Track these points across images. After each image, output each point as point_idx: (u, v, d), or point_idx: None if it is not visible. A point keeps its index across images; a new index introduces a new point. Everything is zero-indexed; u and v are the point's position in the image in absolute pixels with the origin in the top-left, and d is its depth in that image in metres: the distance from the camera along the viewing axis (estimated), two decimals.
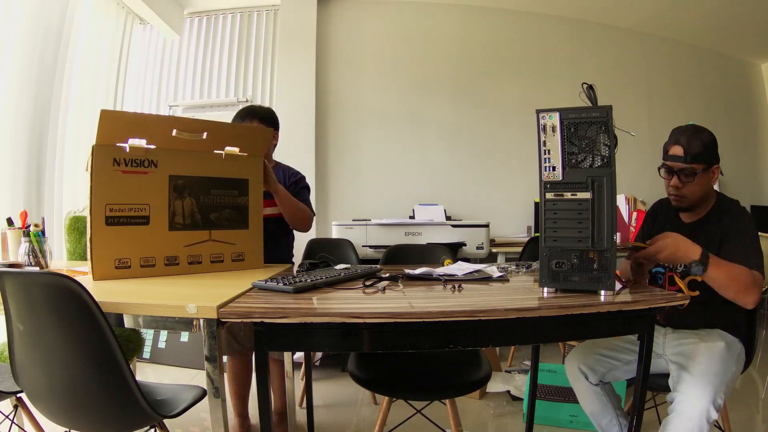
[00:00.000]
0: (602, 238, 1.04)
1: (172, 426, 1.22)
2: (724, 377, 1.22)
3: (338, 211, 3.64)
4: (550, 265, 1.07)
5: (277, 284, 1.10)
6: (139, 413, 1.01)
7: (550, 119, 1.06)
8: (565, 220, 1.06)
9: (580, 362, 1.50)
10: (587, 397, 1.50)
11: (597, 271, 1.05)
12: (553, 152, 1.06)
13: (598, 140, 1.04)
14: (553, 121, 1.06)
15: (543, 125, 1.07)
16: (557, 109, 1.06)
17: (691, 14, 3.72)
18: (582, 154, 1.05)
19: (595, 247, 1.04)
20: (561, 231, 1.06)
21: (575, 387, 1.54)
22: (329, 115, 3.70)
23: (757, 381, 2.46)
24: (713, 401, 1.15)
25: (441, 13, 3.81)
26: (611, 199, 1.04)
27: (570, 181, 1.06)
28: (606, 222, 1.03)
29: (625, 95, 3.93)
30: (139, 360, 2.80)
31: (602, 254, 1.04)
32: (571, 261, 1.06)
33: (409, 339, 0.97)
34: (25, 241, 1.45)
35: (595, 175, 1.04)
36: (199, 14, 3.81)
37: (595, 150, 1.05)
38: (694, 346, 1.32)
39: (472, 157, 3.78)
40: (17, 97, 2.51)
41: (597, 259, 1.04)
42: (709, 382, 1.19)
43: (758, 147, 4.48)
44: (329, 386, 2.49)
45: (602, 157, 1.04)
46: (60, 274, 0.91)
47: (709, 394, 1.16)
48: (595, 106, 1.06)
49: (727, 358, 1.28)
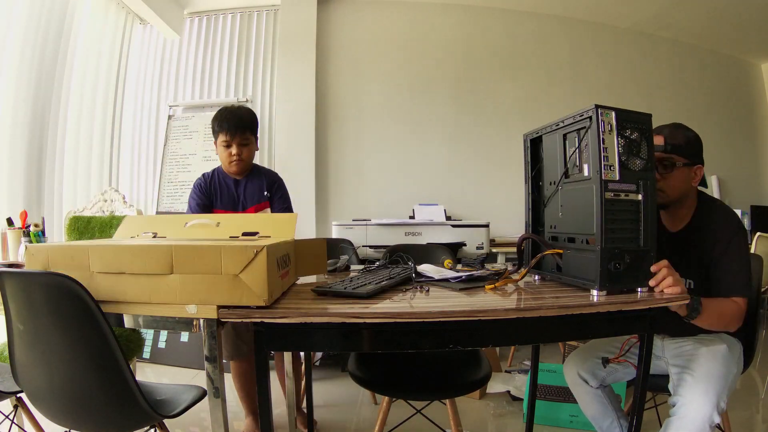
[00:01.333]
0: (648, 238, 1.08)
1: (172, 426, 1.22)
2: (726, 380, 1.21)
3: (338, 211, 3.64)
4: (609, 266, 1.05)
5: (344, 288, 1.04)
6: (139, 413, 1.01)
7: (606, 116, 1.06)
8: (620, 221, 1.07)
9: (579, 367, 1.48)
10: (588, 400, 1.49)
11: (642, 270, 1.08)
12: (610, 151, 1.06)
13: (643, 144, 1.07)
14: (609, 119, 1.06)
15: (602, 122, 1.05)
16: (613, 108, 1.06)
17: (691, 14, 3.72)
18: (625, 156, 1.07)
19: (643, 247, 1.07)
20: (618, 232, 1.06)
21: (575, 391, 1.53)
22: (329, 115, 3.70)
23: (757, 381, 2.46)
24: (716, 405, 1.14)
25: (441, 13, 3.81)
26: (653, 200, 1.08)
27: (625, 182, 1.07)
28: (651, 222, 1.08)
29: (625, 95, 3.93)
30: (139, 360, 2.80)
31: (647, 253, 1.07)
32: (625, 261, 1.06)
33: (409, 339, 0.97)
34: (25, 241, 1.45)
35: (641, 178, 1.07)
36: (199, 14, 3.81)
37: (640, 153, 1.07)
38: (695, 349, 1.31)
39: (472, 157, 3.79)
40: (17, 97, 2.51)
41: (644, 259, 1.08)
42: (712, 386, 1.17)
43: (758, 147, 4.48)
44: (329, 386, 2.49)
45: (643, 160, 1.07)
46: (60, 274, 0.91)
47: (712, 398, 1.15)
48: (638, 112, 1.09)
49: (728, 360, 1.27)
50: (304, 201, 3.50)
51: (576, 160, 1.16)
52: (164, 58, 3.80)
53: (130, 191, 3.69)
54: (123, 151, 3.66)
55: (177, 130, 3.41)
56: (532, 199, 1.37)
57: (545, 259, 1.27)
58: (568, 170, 1.20)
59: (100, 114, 3.38)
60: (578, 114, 1.11)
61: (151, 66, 3.79)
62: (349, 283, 1.11)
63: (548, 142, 1.30)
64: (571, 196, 1.20)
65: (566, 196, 1.22)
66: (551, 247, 1.23)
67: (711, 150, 4.10)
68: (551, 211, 1.29)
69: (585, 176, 1.12)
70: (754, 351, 1.43)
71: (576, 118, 1.13)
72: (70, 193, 3.01)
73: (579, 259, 1.14)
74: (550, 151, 1.29)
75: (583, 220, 1.13)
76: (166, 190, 3.32)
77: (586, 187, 1.10)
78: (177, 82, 3.78)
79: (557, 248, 1.21)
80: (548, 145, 1.30)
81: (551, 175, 1.29)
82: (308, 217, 3.49)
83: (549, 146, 1.29)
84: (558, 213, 1.25)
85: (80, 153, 3.17)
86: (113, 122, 3.53)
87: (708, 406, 1.14)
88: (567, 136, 1.20)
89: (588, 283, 1.09)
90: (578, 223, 1.16)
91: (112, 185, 3.37)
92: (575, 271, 1.15)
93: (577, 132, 1.15)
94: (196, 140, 3.35)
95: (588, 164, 1.10)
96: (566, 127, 1.18)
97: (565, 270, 1.20)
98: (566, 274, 1.19)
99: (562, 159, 1.21)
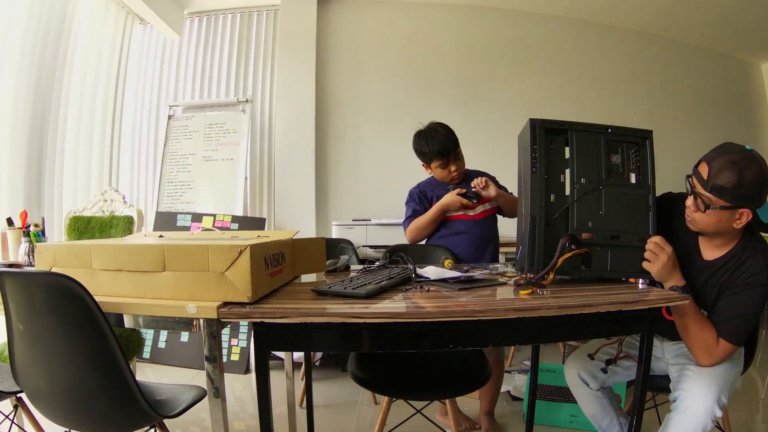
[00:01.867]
0: None
1: (172, 426, 1.22)
2: (727, 376, 1.21)
3: (338, 211, 3.64)
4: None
5: (344, 288, 1.05)
6: (139, 413, 1.01)
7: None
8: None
9: (580, 369, 1.48)
10: (588, 401, 1.49)
11: None
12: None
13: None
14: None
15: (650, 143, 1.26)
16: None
17: (691, 14, 3.72)
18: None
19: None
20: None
21: (575, 392, 1.53)
22: (329, 115, 3.70)
23: (757, 381, 2.46)
24: (718, 399, 1.14)
25: (441, 13, 3.80)
26: None
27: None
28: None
29: (624, 95, 3.93)
30: (139, 360, 2.80)
31: None
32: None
33: (409, 339, 0.97)
34: (25, 241, 1.45)
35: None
36: (199, 14, 3.81)
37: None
38: None
39: (473, 158, 3.76)
40: (17, 97, 2.51)
41: None
42: (714, 381, 1.17)
43: (758, 147, 4.42)
44: (329, 386, 2.49)
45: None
46: (60, 274, 0.91)
47: (714, 391, 1.15)
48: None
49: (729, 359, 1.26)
50: (304, 201, 3.50)
51: (619, 167, 1.25)
52: (164, 58, 3.79)
53: (130, 191, 3.69)
54: (123, 151, 3.65)
55: (177, 130, 3.41)
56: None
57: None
58: (609, 173, 1.25)
59: (100, 114, 3.38)
60: (629, 129, 1.26)
61: (151, 66, 3.79)
62: (349, 283, 1.11)
63: (580, 140, 1.25)
64: (614, 197, 1.24)
65: (610, 197, 1.24)
66: (584, 246, 1.20)
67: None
68: (583, 208, 1.24)
69: (632, 183, 1.25)
70: (754, 352, 1.43)
71: (627, 131, 1.26)
72: (70, 193, 3.01)
73: (625, 254, 1.22)
74: (582, 149, 1.25)
75: (628, 219, 1.24)
76: (166, 190, 3.32)
77: (636, 193, 1.24)
78: (177, 82, 3.77)
79: (587, 246, 1.20)
80: (580, 144, 1.25)
81: (581, 172, 1.24)
82: (308, 217, 3.49)
83: (581, 144, 1.25)
84: (599, 210, 1.24)
85: (80, 153, 3.17)
86: (113, 122, 3.53)
87: (709, 399, 1.14)
88: (609, 142, 1.25)
89: (637, 275, 1.21)
90: (623, 222, 1.24)
91: (112, 185, 3.37)
92: (620, 265, 1.23)
93: (625, 144, 1.26)
94: (196, 140, 3.35)
95: (635, 174, 1.25)
96: (611, 134, 1.26)
97: (600, 266, 1.22)
98: (608, 269, 1.23)
99: (605, 161, 1.25)
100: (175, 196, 3.30)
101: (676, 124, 4.08)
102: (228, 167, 3.24)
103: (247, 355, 2.73)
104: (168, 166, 3.36)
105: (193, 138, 3.36)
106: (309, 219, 3.49)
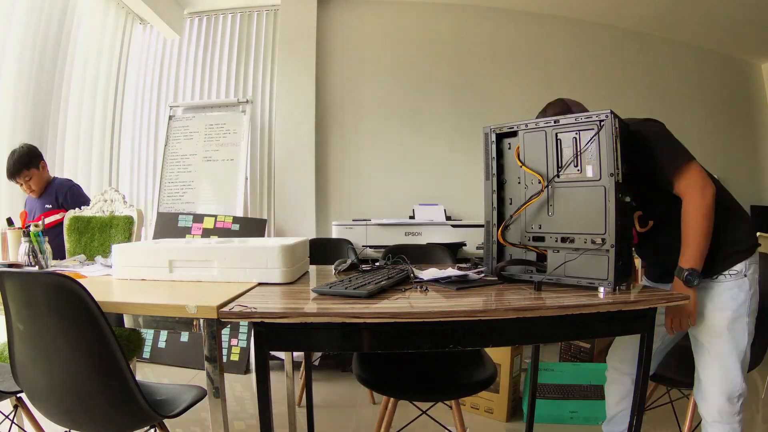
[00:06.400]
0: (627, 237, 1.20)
1: (172, 426, 1.22)
2: None
3: (338, 211, 3.64)
4: (618, 264, 1.11)
5: (344, 288, 1.04)
6: (139, 413, 1.01)
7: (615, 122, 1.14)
8: (623, 221, 1.16)
9: (618, 361, 1.45)
10: (615, 388, 1.47)
11: (628, 265, 1.18)
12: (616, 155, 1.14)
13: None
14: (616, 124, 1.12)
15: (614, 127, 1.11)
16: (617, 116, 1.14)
17: (691, 14, 3.72)
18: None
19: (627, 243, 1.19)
20: (623, 231, 1.14)
21: (610, 387, 1.48)
22: (329, 115, 3.70)
23: (757, 381, 2.46)
24: (746, 351, 1.24)
25: (441, 13, 3.80)
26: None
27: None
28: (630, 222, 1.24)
29: (624, 95, 3.93)
30: (139, 360, 2.80)
31: (630, 249, 1.22)
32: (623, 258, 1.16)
33: (409, 339, 0.97)
34: (25, 241, 1.45)
35: (627, 181, 1.16)
36: (199, 14, 3.81)
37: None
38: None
39: (472, 157, 3.78)
40: (17, 97, 2.51)
41: (629, 254, 1.21)
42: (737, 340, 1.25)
43: (758, 147, 4.47)
44: (329, 386, 2.49)
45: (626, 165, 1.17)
46: (60, 274, 0.91)
47: (741, 344, 1.23)
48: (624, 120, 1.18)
49: None
50: (304, 201, 3.50)
51: (573, 161, 1.13)
52: (164, 58, 3.80)
53: (130, 191, 3.69)
54: (123, 151, 3.66)
55: (177, 130, 3.40)
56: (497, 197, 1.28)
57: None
58: (560, 171, 1.15)
59: (100, 114, 3.38)
60: (583, 116, 1.11)
61: (151, 66, 3.79)
62: (349, 283, 1.11)
63: (530, 140, 1.21)
64: (566, 196, 1.16)
65: (560, 196, 1.17)
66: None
67: (711, 150, 4.09)
68: (532, 210, 1.21)
69: (589, 177, 1.11)
70: (767, 346, 1.44)
71: (579, 119, 1.11)
72: None
73: (580, 259, 1.12)
74: (530, 148, 1.21)
75: (584, 220, 1.11)
76: (167, 191, 3.32)
77: (592, 188, 1.09)
78: (177, 83, 3.78)
79: (541, 248, 1.21)
80: (529, 142, 1.21)
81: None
82: (308, 217, 3.49)
83: (530, 143, 1.21)
84: (547, 213, 1.19)
85: (80, 153, 3.17)
86: (113, 122, 3.53)
87: (741, 344, 1.23)
88: (560, 136, 1.15)
89: (594, 282, 1.09)
90: (578, 223, 1.13)
91: (112, 185, 3.37)
92: (575, 271, 1.14)
93: (578, 133, 1.12)
94: (196, 140, 3.34)
95: (592, 165, 1.09)
96: (562, 127, 1.15)
97: (555, 270, 1.17)
98: (564, 274, 1.16)
99: (554, 158, 1.16)
100: (175, 197, 3.30)
101: (676, 124, 4.06)
102: (228, 167, 3.24)
103: (247, 355, 2.73)
104: (168, 167, 3.35)
105: (193, 138, 3.36)
106: (309, 219, 3.49)
